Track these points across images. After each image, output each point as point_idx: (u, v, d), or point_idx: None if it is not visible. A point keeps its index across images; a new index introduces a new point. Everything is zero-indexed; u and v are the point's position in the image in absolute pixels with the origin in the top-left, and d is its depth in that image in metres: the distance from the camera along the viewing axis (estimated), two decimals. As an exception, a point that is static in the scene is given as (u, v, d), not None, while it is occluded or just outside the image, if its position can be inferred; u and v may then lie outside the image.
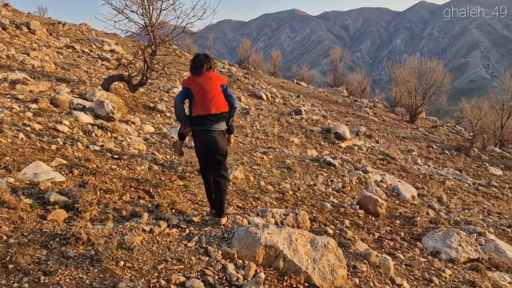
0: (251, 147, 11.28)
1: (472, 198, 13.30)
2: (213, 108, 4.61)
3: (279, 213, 5.55)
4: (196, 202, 5.90)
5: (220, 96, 4.71)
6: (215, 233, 4.51)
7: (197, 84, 4.64)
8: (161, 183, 6.27)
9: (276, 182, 8.11)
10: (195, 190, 6.38)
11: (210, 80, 4.67)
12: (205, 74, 4.68)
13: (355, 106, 29.73)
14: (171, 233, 4.39)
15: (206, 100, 4.59)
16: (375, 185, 10.02)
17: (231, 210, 5.82)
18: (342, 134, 16.08)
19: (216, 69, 26.91)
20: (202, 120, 4.64)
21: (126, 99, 12.74)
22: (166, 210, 4.99)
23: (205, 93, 4.60)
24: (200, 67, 4.67)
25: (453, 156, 20.36)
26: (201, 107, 4.61)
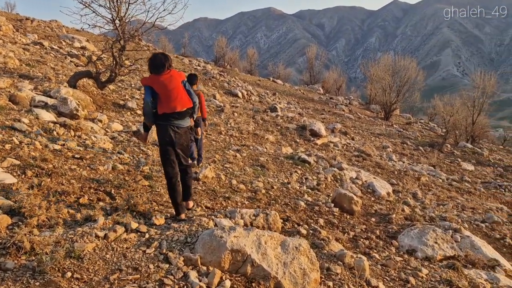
0: (224, 144, 10.90)
1: (446, 193, 13.24)
2: (178, 106, 4.69)
3: (249, 213, 5.19)
4: (162, 204, 5.50)
5: (183, 93, 4.76)
6: (177, 237, 4.11)
7: (160, 83, 4.62)
8: (124, 184, 5.84)
9: (248, 180, 7.76)
10: (161, 191, 5.96)
11: (172, 78, 4.68)
12: (167, 73, 4.67)
13: (331, 103, 29.64)
14: (128, 238, 3.97)
15: (170, 98, 4.65)
16: (350, 182, 9.78)
17: (199, 211, 5.44)
18: (318, 131, 15.85)
19: (192, 67, 26.42)
20: (167, 117, 4.71)
21: (94, 96, 12.18)
22: (125, 213, 4.56)
23: (169, 91, 4.63)
24: (161, 66, 4.64)
25: (427, 152, 20.41)
26: (166, 105, 4.65)
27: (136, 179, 6.14)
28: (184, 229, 4.30)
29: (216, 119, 14.24)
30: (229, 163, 8.68)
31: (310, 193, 8.11)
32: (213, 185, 7.01)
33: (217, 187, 6.92)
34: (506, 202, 13.86)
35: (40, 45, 18.39)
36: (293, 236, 5.40)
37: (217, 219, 4.75)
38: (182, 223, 4.48)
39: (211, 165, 7.97)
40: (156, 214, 4.81)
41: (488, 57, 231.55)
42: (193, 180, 6.97)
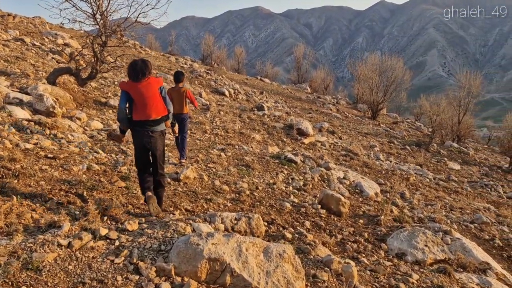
0: (208, 144, 10.53)
1: (434, 193, 13.05)
2: (153, 113, 4.75)
3: (230, 217, 4.83)
4: (138, 206, 5.13)
5: (159, 102, 4.81)
6: (150, 244, 3.74)
7: (137, 90, 4.68)
8: (98, 185, 5.45)
9: (232, 181, 7.41)
10: (138, 193, 5.58)
11: (149, 86, 4.73)
12: (145, 81, 4.71)
13: (318, 102, 29.40)
14: (95, 246, 3.58)
15: (146, 106, 4.70)
16: (338, 182, 9.48)
17: (177, 215, 5.07)
18: (305, 130, 15.56)
19: (178, 66, 25.95)
20: (142, 123, 4.78)
21: (75, 93, 11.72)
22: (95, 217, 4.18)
23: (145, 99, 4.69)
24: (140, 74, 4.68)
25: (413, 152, 20.28)
26: (141, 112, 4.70)
27: (112, 180, 5.75)
28: (159, 236, 3.92)
29: (201, 117, 13.85)
30: (213, 163, 8.31)
31: (296, 194, 7.79)
32: (195, 186, 6.64)
33: (199, 188, 6.55)
34: (492, 201, 13.73)
35: (21, 41, 17.79)
36: (278, 241, 5.07)
37: (195, 224, 4.39)
38: (157, 229, 4.11)
39: (193, 165, 7.61)
40: (130, 219, 4.44)
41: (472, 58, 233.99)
42: (174, 181, 6.61)
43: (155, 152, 4.92)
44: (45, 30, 22.42)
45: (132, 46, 27.56)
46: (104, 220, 4.25)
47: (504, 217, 10.79)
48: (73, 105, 10.91)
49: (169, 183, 6.42)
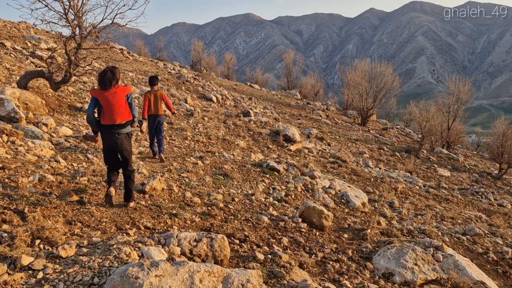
0: (187, 151, 9.83)
1: (424, 201, 12.46)
2: (118, 119, 5.10)
3: (189, 238, 4.11)
4: (88, 224, 4.41)
5: (125, 108, 5.15)
6: (81, 276, 3.02)
7: (104, 98, 5.01)
8: (44, 200, 4.73)
9: (206, 192, 6.70)
10: (92, 208, 4.87)
11: (116, 95, 5.04)
12: (112, 90, 5.02)
13: (308, 108, 28.81)
14: (10, 281, 2.86)
15: (112, 112, 5.04)
16: (322, 192, 8.81)
17: (132, 234, 4.36)
18: (292, 136, 14.90)
19: (165, 71, 25.27)
20: (109, 127, 5.13)
21: (48, 98, 10.98)
22: (23, 241, 3.45)
23: (111, 106, 5.03)
24: (108, 83, 4.99)
25: (403, 158, 19.72)
26: (108, 118, 5.06)
27: (63, 194, 5.03)
28: (94, 264, 3.20)
29: (183, 123, 13.15)
30: (187, 172, 7.60)
31: (277, 206, 7.09)
32: (162, 199, 5.93)
33: (165, 201, 5.83)
34: (484, 209, 13.17)
35: (1, 45, 17.04)
36: (248, 263, 4.37)
37: (144, 247, 3.67)
38: (96, 255, 3.39)
39: (164, 175, 6.91)
40: (68, 241, 3.71)
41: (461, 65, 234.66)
42: (139, 193, 5.90)
43: (122, 151, 5.27)
44: (28, 35, 21.66)
45: (120, 51, 26.85)
46: (36, 245, 3.52)
47: (496, 227, 10.19)
48: (44, 110, 10.17)
49: (134, 194, 5.73)
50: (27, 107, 9.58)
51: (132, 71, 21.86)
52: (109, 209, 5.01)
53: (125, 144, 5.26)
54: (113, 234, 4.25)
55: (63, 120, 9.71)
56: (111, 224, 4.55)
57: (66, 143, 7.98)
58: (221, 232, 5.13)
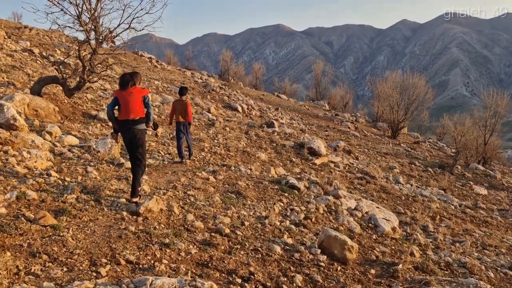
0: (200, 164, 8.97)
1: (461, 225, 11.17)
2: (132, 114, 5.67)
3: (168, 286, 3.20)
4: (55, 257, 3.55)
5: (139, 106, 5.75)
6: None
7: (122, 96, 5.68)
8: (10, 224, 3.92)
9: (212, 214, 5.78)
10: (68, 235, 4.03)
11: (132, 94, 5.69)
12: (129, 90, 5.68)
13: (336, 120, 27.63)
14: None
15: (127, 109, 5.66)
16: (347, 215, 7.74)
17: (104, 274, 3.47)
18: (317, 149, 13.85)
19: (192, 80, 24.72)
20: (124, 122, 5.72)
21: (63, 105, 10.40)
22: None
23: (127, 104, 5.66)
24: (125, 84, 5.69)
25: (436, 174, 18.28)
26: (123, 113, 5.69)
27: (37, 216, 4.21)
28: None
29: (202, 134, 12.35)
30: (195, 189, 6.72)
31: (293, 232, 6.09)
32: (158, 222, 5.04)
33: (161, 226, 4.92)
34: (528, 234, 11.72)
35: (30, 52, 16.82)
36: (247, 315, 3.41)
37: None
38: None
39: (166, 193, 6.04)
40: (15, 283, 2.86)
41: (497, 78, 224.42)
42: (131, 215, 5.05)
43: (135, 143, 5.80)
44: (59, 42, 21.54)
45: (148, 60, 26.56)
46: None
47: (546, 258, 8.81)
48: (56, 118, 9.57)
49: (122, 218, 4.87)
50: (37, 114, 8.99)
51: (158, 79, 21.37)
52: (89, 236, 4.17)
53: (139, 138, 5.80)
54: (81, 272, 3.38)
55: (73, 128, 9.06)
56: (85, 257, 3.69)
57: (68, 153, 7.27)
58: (221, 268, 4.19)
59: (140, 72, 21.93)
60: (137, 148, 5.81)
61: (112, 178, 6.43)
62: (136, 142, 5.77)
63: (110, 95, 13.20)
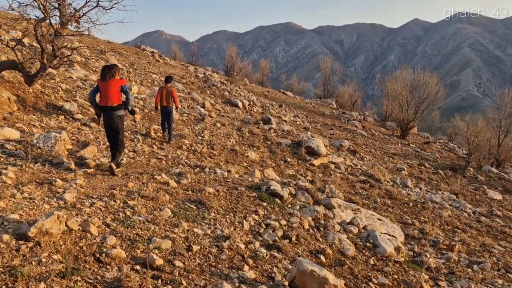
0: (167, 164, 7.34)
1: (477, 238, 9.40)
2: (109, 102, 6.24)
3: None
4: None
5: (116, 95, 6.28)
6: None
7: (102, 85, 6.25)
8: None
9: (147, 235, 4.11)
10: None
11: (110, 84, 6.22)
12: (108, 81, 6.22)
13: (343, 118, 25.77)
14: None
15: (106, 96, 6.24)
16: (340, 231, 6.02)
17: None
18: (316, 148, 12.12)
19: (194, 75, 23.14)
20: (104, 108, 6.30)
21: (25, 94, 8.87)
22: None
23: (106, 92, 6.24)
24: (104, 75, 6.25)
25: (447, 177, 16.39)
26: (103, 100, 6.28)
27: None
28: None
29: (187, 130, 10.71)
30: (142, 198, 5.07)
31: (261, 258, 4.41)
32: (54, 250, 3.42)
33: (51, 258, 3.28)
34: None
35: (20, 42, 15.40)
36: None
37: None
38: None
39: (95, 204, 4.42)
40: None
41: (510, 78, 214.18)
42: (18, 240, 3.42)
43: (114, 128, 6.39)
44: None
45: (150, 54, 25.05)
46: None
47: None
48: (10, 108, 8.03)
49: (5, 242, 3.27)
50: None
51: (157, 73, 19.81)
52: None
53: (117, 123, 6.33)
54: None
55: (23, 120, 7.51)
56: None
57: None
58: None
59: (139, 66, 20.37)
60: (116, 134, 6.37)
61: (32, 182, 4.85)
62: (114, 127, 6.32)
63: (89, 86, 11.66)
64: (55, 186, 4.83)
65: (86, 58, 16.41)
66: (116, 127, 6.32)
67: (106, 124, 6.41)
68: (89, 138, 7.84)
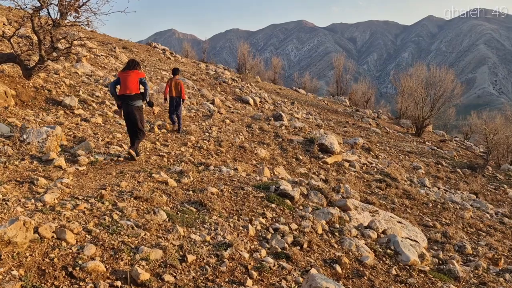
0: (169, 162, 6.73)
1: (503, 242, 8.61)
2: (128, 90, 6.54)
3: None
4: None
5: (134, 84, 6.59)
6: None
7: (123, 76, 6.60)
8: None
9: (134, 244, 3.49)
10: None
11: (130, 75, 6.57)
12: (129, 71, 6.60)
13: (356, 116, 24.90)
14: None
15: (125, 85, 6.55)
16: (357, 236, 5.33)
17: None
18: (329, 146, 11.39)
19: (204, 72, 22.56)
20: (123, 97, 6.58)
21: (24, 88, 8.36)
22: None
23: (125, 82, 6.55)
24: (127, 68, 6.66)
25: (466, 176, 15.50)
26: (122, 89, 6.58)
27: None
28: None
29: (193, 126, 10.10)
30: (135, 199, 4.46)
31: (268, 269, 3.76)
32: (17, 263, 2.82)
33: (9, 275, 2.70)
34: None
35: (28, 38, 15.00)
36: None
37: None
38: None
39: (78, 206, 3.82)
40: None
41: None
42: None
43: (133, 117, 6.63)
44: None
45: (161, 52, 24.55)
46: None
47: None
48: (6, 102, 7.52)
49: None
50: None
51: (167, 70, 19.28)
52: None
53: (136, 113, 6.59)
54: None
55: (17, 115, 6.98)
56: None
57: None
58: None
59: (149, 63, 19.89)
60: (135, 123, 6.62)
61: (11, 181, 4.27)
62: (133, 117, 6.57)
63: (94, 81, 11.13)
64: (36, 185, 4.26)
65: (96, 55, 15.95)
66: (134, 117, 6.55)
67: (125, 114, 6.63)
68: (87, 133, 7.29)
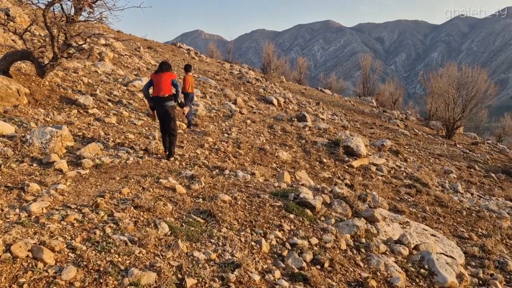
0: (181, 165, 6.22)
1: (550, 257, 7.62)
2: (161, 92, 6.66)
3: None
4: None
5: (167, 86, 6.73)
6: None
7: (156, 78, 6.72)
8: None
9: (124, 265, 2.96)
10: None
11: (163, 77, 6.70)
12: (161, 73, 6.72)
13: (383, 117, 23.89)
14: None
15: (158, 87, 6.68)
16: (386, 252, 4.66)
17: None
18: (355, 148, 10.66)
19: (228, 71, 22.10)
20: (157, 99, 6.70)
21: (38, 87, 8.05)
22: None
23: (158, 83, 6.68)
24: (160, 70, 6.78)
25: (500, 181, 14.37)
26: (155, 91, 6.70)
27: None
28: None
29: (212, 126, 9.59)
30: (135, 208, 3.92)
31: (281, 297, 3.16)
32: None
33: None
34: None
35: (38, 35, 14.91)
36: None
37: None
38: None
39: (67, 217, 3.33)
40: None
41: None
42: None
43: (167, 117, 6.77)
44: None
45: (186, 52, 24.29)
46: None
47: None
48: (19, 101, 7.22)
49: None
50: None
51: (190, 70, 18.92)
52: None
53: (169, 113, 6.75)
54: None
55: (27, 114, 6.64)
56: None
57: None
58: None
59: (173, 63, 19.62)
60: (168, 123, 6.74)
61: (0, 186, 3.84)
62: (167, 117, 6.71)
63: (113, 80, 10.80)
64: (26, 192, 3.82)
65: (120, 54, 15.74)
66: (169, 116, 6.70)
67: (159, 115, 6.77)
68: (98, 134, 6.89)
